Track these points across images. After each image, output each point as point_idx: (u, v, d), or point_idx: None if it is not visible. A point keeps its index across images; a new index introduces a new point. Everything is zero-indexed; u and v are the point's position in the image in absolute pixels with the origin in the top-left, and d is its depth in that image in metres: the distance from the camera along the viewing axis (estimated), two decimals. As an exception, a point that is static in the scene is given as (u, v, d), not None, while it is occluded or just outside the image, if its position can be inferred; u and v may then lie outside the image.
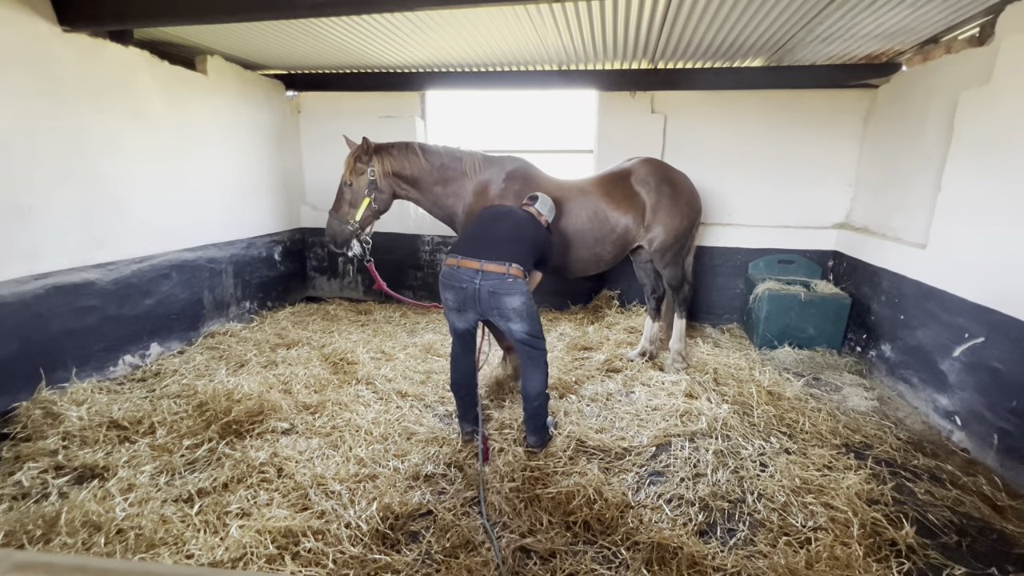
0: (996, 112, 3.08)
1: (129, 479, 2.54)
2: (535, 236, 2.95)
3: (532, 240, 2.92)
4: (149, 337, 4.13)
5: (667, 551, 2.17)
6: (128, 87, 3.87)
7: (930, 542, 2.30)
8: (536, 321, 2.81)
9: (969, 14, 3.38)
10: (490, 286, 2.65)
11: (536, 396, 2.86)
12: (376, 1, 2.86)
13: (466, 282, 2.69)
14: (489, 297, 2.67)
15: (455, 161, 3.59)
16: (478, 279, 2.66)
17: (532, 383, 2.85)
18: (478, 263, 2.69)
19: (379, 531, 2.26)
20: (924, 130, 3.92)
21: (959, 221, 3.34)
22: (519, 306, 2.69)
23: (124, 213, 3.87)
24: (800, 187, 5.22)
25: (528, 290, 2.75)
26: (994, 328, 2.97)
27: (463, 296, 2.72)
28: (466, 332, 2.91)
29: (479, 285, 2.66)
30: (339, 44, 4.45)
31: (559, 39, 4.17)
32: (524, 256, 2.79)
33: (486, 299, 2.68)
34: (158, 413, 3.17)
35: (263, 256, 5.51)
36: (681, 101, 5.20)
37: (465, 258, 2.73)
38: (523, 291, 2.69)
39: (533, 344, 2.82)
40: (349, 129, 5.73)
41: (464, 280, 2.69)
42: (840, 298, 4.57)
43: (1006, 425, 2.83)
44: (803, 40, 4.02)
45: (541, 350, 2.85)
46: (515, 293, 2.67)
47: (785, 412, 3.43)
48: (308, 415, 3.26)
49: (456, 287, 2.73)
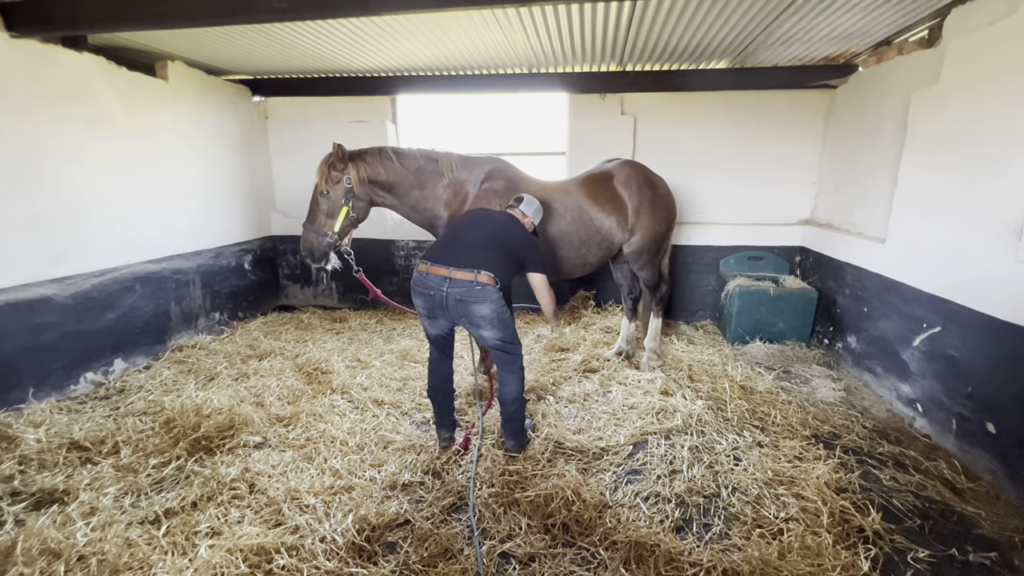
0: (945, 111, 3.22)
1: (91, 502, 2.44)
2: (514, 240, 2.88)
3: (510, 244, 2.84)
4: (112, 353, 3.98)
5: (644, 549, 2.20)
6: (84, 94, 3.73)
7: (895, 527, 2.38)
8: (509, 328, 2.80)
9: (918, 17, 3.53)
10: (458, 294, 2.63)
11: (512, 401, 2.86)
12: (339, 5, 2.82)
13: (434, 289, 2.66)
14: (457, 305, 2.65)
15: (431, 163, 3.53)
16: (445, 286, 2.64)
17: (507, 388, 2.85)
18: (446, 270, 2.65)
19: (355, 544, 2.22)
20: (880, 129, 4.07)
21: (915, 216, 3.48)
22: (488, 314, 2.66)
23: (83, 225, 3.72)
24: (767, 185, 5.36)
25: (499, 298, 2.69)
26: (949, 317, 3.10)
27: (432, 303, 2.70)
28: (439, 338, 2.89)
29: (447, 292, 2.63)
30: (306, 48, 4.38)
31: (527, 42, 4.19)
32: (497, 262, 2.72)
33: (454, 306, 2.66)
34: (122, 432, 3.06)
35: (232, 265, 5.37)
36: (650, 103, 5.29)
37: (434, 265, 2.70)
38: (493, 299, 2.66)
39: (506, 350, 2.80)
40: (319, 134, 5.68)
41: (432, 287, 2.67)
42: (807, 292, 4.70)
43: (963, 411, 2.95)
44: (764, 43, 4.14)
45: (516, 355, 2.84)
46: (483, 301, 2.64)
47: (757, 406, 3.51)
48: (281, 428, 3.19)
49: (425, 294, 2.70)
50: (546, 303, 3.03)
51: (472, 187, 3.52)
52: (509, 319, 2.81)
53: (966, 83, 3.05)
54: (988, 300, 2.80)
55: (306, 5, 2.88)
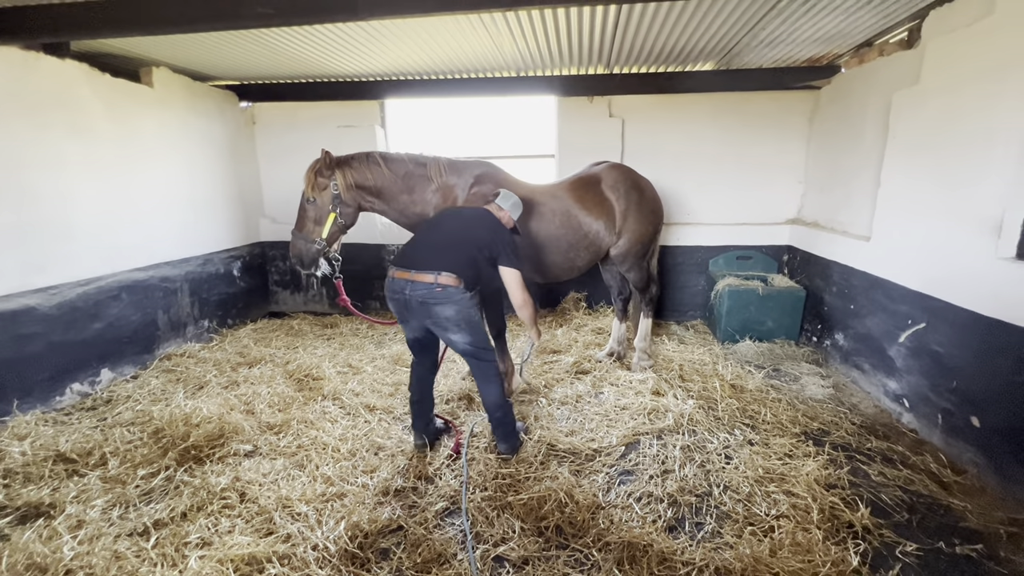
0: (926, 111, 3.27)
1: (78, 515, 2.40)
2: (485, 235, 2.81)
3: (480, 240, 2.78)
4: (99, 363, 3.93)
5: (637, 549, 2.21)
6: (66, 102, 3.68)
7: (884, 521, 2.41)
8: (478, 332, 2.74)
9: (898, 19, 3.60)
10: (419, 296, 2.61)
11: (496, 407, 2.83)
12: (325, 10, 2.82)
13: (399, 293, 2.65)
14: (420, 307, 2.63)
15: (419, 167, 3.52)
16: (407, 289, 2.62)
17: (488, 396, 2.81)
18: (409, 273, 2.64)
19: (348, 551, 2.21)
20: (864, 129, 4.14)
21: (898, 214, 3.54)
22: (453, 315, 2.62)
23: (67, 234, 3.67)
24: (754, 185, 5.41)
25: (464, 299, 2.65)
26: (934, 314, 3.15)
27: (400, 307, 2.70)
28: (415, 342, 2.86)
29: (409, 295, 2.62)
30: (293, 54, 4.36)
31: (515, 46, 4.20)
32: (461, 262, 2.67)
33: (417, 309, 2.64)
34: (110, 443, 3.02)
35: (221, 272, 5.33)
36: (638, 105, 5.33)
37: (399, 269, 2.68)
38: (455, 299, 2.61)
39: (478, 355, 2.75)
40: (307, 140, 5.66)
41: (398, 291, 2.66)
42: (795, 291, 4.76)
43: (948, 405, 3.00)
44: (748, 45, 4.19)
45: (488, 361, 2.79)
46: (446, 303, 2.60)
47: (748, 404, 3.54)
48: (272, 435, 3.16)
49: (394, 298, 2.70)
50: (519, 302, 2.88)
51: (461, 191, 3.52)
52: (478, 322, 2.76)
53: (945, 83, 3.11)
54: (970, 296, 2.85)
55: (292, 10, 2.87)
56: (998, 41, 2.72)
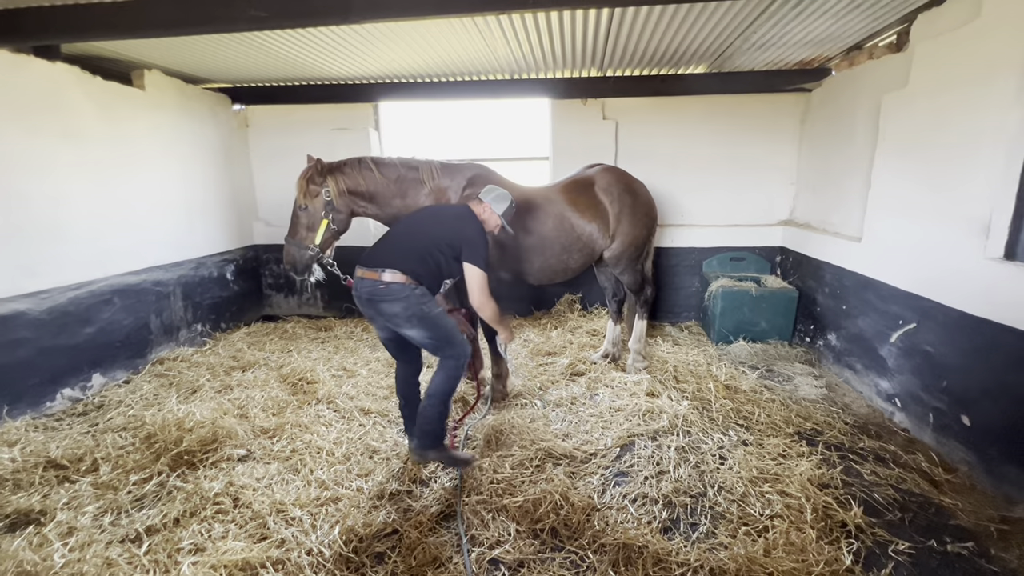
0: (914, 113, 3.31)
1: (69, 522, 2.38)
2: (450, 232, 2.71)
3: (444, 237, 2.69)
4: (90, 368, 3.89)
5: (633, 551, 2.21)
6: (57, 105, 3.66)
7: (876, 520, 2.43)
8: (435, 326, 2.62)
9: (887, 22, 3.64)
10: (365, 293, 2.59)
11: (431, 395, 2.67)
12: (318, 14, 2.82)
13: (355, 291, 2.66)
14: (367, 304, 2.62)
15: (411, 171, 3.50)
16: (358, 287, 2.63)
17: (434, 383, 2.69)
18: (362, 271, 2.64)
19: (342, 555, 2.20)
20: (854, 131, 4.18)
21: (888, 215, 3.57)
22: (400, 311, 2.56)
23: (58, 237, 3.64)
24: (746, 187, 5.45)
25: (414, 295, 2.55)
26: (924, 314, 3.18)
27: (360, 305, 2.68)
28: (388, 341, 2.84)
29: (359, 293, 2.63)
30: (287, 57, 4.36)
31: (508, 49, 4.22)
32: (412, 258, 2.61)
33: (367, 307, 2.63)
34: (101, 448, 2.99)
35: (214, 276, 5.30)
36: (631, 107, 5.35)
37: (358, 267, 2.68)
38: (401, 296, 2.54)
39: (442, 352, 2.67)
40: (300, 142, 5.64)
41: (354, 289, 2.67)
42: (788, 292, 4.79)
43: (939, 404, 3.03)
44: (740, 48, 4.22)
45: (449, 357, 2.66)
46: (391, 299, 2.54)
47: (742, 405, 3.55)
48: (266, 439, 3.14)
49: (354, 297, 2.69)
50: (476, 303, 2.72)
51: (454, 194, 3.51)
52: (435, 316, 2.62)
53: (933, 86, 3.15)
54: (959, 296, 2.89)
55: (285, 13, 2.87)
56: (984, 44, 2.76)
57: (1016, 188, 2.63)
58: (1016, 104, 2.57)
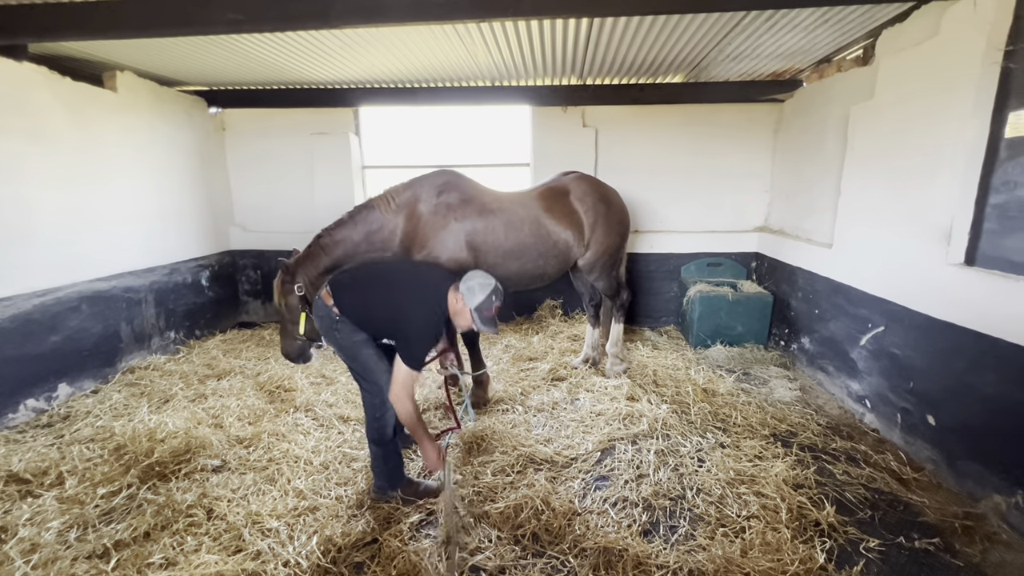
0: (880, 124, 3.44)
1: (32, 539, 2.29)
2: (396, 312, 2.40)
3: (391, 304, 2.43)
4: (56, 377, 3.76)
5: (613, 554, 2.23)
6: (24, 106, 3.55)
7: (848, 519, 2.50)
8: (348, 354, 2.52)
9: (853, 37, 3.78)
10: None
11: (370, 442, 2.58)
12: (297, 18, 2.80)
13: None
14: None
15: (370, 213, 3.33)
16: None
17: (366, 425, 2.60)
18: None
19: (320, 566, 2.16)
20: (824, 141, 4.32)
21: (857, 222, 3.69)
22: (321, 326, 2.59)
23: (22, 242, 3.52)
24: (723, 194, 5.57)
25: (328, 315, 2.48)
26: (891, 317, 3.29)
27: None
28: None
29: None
30: (265, 60, 4.31)
31: (489, 56, 4.25)
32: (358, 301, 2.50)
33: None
34: (67, 461, 2.89)
35: (189, 282, 5.18)
36: (610, 115, 5.43)
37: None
38: (320, 315, 2.54)
39: (357, 380, 2.60)
40: (279, 147, 5.58)
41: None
42: (763, 296, 4.90)
43: (907, 405, 3.13)
44: (715, 59, 4.34)
45: (366, 391, 2.55)
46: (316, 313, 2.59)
47: (719, 408, 3.62)
48: (242, 449, 3.07)
49: None
50: (394, 397, 2.36)
51: (424, 205, 3.39)
52: (350, 346, 2.49)
53: (897, 98, 3.28)
54: (923, 300, 3.00)
55: (263, 17, 2.85)
56: (943, 60, 2.89)
57: (975, 196, 2.75)
58: (973, 116, 2.70)
